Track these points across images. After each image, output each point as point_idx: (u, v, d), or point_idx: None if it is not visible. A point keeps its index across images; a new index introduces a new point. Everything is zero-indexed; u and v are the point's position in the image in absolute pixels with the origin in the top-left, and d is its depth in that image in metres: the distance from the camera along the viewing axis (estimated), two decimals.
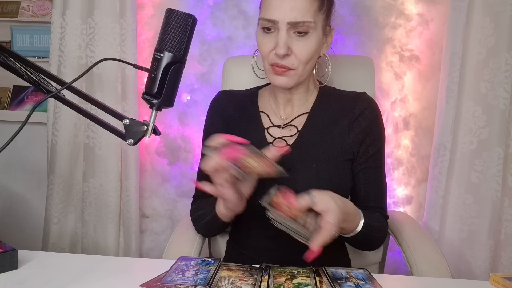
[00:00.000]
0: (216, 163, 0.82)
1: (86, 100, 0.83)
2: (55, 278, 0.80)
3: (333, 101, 1.08)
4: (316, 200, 0.79)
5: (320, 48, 1.01)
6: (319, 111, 1.06)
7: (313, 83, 1.09)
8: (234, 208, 0.92)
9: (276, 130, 1.06)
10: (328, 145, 1.02)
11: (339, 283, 0.80)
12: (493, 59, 1.37)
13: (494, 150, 1.38)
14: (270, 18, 0.95)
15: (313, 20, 0.95)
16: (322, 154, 1.01)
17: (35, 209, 1.83)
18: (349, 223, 0.89)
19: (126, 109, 1.57)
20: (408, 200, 1.63)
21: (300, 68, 0.98)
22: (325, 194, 0.82)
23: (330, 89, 1.12)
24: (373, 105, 1.07)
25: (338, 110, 1.06)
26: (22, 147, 1.79)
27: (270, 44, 0.97)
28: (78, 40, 1.54)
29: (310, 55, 0.97)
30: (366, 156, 1.04)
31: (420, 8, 1.56)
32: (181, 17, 0.76)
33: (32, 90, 1.80)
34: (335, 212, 0.79)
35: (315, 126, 1.04)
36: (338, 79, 1.23)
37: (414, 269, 1.06)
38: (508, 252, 1.38)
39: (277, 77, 0.98)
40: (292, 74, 0.98)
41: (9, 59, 0.80)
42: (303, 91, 1.06)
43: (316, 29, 0.96)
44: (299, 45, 0.95)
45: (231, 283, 0.78)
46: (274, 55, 0.96)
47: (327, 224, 0.78)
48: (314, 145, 1.02)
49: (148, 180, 1.70)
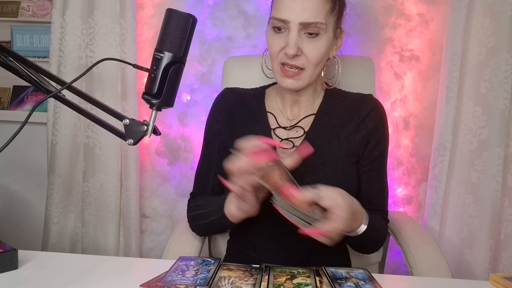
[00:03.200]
0: (244, 163, 0.80)
1: (86, 100, 0.83)
2: (55, 278, 0.80)
3: (340, 102, 1.07)
4: (323, 195, 0.78)
5: (330, 50, 1.00)
6: (325, 113, 1.06)
7: (320, 85, 1.08)
8: (249, 210, 0.89)
9: (283, 131, 1.05)
10: (335, 147, 1.02)
11: (339, 283, 0.80)
12: (493, 59, 1.37)
13: (494, 150, 1.38)
14: (282, 17, 0.94)
15: (325, 22, 0.94)
16: (329, 156, 1.01)
17: (35, 209, 1.83)
18: (353, 221, 0.88)
19: (126, 109, 1.57)
20: (408, 200, 1.63)
21: (310, 69, 0.97)
22: (333, 190, 0.81)
23: (336, 90, 1.11)
24: (379, 107, 1.07)
25: (344, 112, 1.05)
26: (22, 147, 1.79)
27: (280, 43, 0.96)
28: (78, 40, 1.54)
29: (320, 57, 0.96)
30: (370, 158, 1.04)
31: (420, 8, 1.57)
32: (181, 17, 0.76)
33: (32, 90, 1.80)
34: (343, 207, 0.78)
35: (322, 127, 1.04)
36: (339, 79, 1.23)
37: (414, 269, 1.06)
38: (508, 252, 1.38)
39: (286, 79, 0.98)
40: (301, 76, 0.97)
41: (9, 59, 0.80)
42: (310, 92, 1.06)
43: (327, 30, 0.96)
44: (309, 47, 0.95)
45: (231, 283, 0.78)
46: (284, 54, 0.95)
47: (337, 217, 0.77)
48: (321, 146, 1.02)
49: (148, 180, 1.70)
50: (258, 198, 0.88)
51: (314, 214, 0.79)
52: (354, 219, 0.87)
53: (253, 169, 0.79)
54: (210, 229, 1.09)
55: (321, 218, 0.78)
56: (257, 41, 1.59)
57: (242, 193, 0.84)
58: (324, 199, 0.78)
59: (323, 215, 0.79)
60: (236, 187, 0.83)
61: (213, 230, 1.10)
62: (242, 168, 0.80)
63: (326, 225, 0.77)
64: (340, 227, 0.77)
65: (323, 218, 0.78)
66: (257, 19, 1.58)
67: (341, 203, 0.78)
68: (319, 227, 0.77)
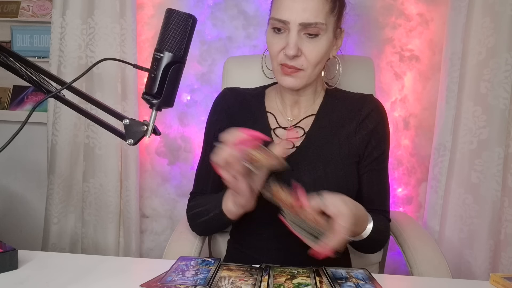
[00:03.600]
0: (228, 154, 0.80)
1: (86, 100, 0.83)
2: (55, 278, 0.80)
3: (340, 103, 1.07)
4: (327, 203, 0.78)
5: (330, 50, 1.00)
6: (326, 113, 1.06)
7: (320, 85, 1.08)
8: (245, 204, 0.89)
9: (283, 132, 1.05)
10: (336, 147, 1.02)
11: (339, 283, 0.80)
12: (493, 59, 1.37)
13: (494, 150, 1.38)
14: (281, 18, 0.94)
15: (325, 22, 0.94)
16: (330, 156, 1.01)
17: (35, 209, 1.83)
18: (358, 226, 0.88)
19: (126, 109, 1.57)
20: (408, 200, 1.63)
21: (310, 69, 0.97)
22: (337, 198, 0.80)
23: (337, 90, 1.11)
24: (380, 107, 1.07)
25: (344, 112, 1.05)
26: (22, 147, 1.79)
27: (280, 44, 0.96)
28: (78, 40, 1.54)
29: (320, 57, 0.96)
30: (371, 158, 1.04)
31: (420, 8, 1.57)
32: (181, 17, 0.76)
33: (32, 90, 1.80)
34: (347, 216, 0.78)
35: (322, 128, 1.04)
36: (339, 79, 1.23)
37: (414, 269, 1.06)
38: (508, 252, 1.38)
39: (285, 77, 0.98)
40: (300, 75, 0.97)
41: (9, 59, 0.80)
42: (310, 92, 1.06)
43: (327, 31, 0.95)
44: (309, 47, 0.94)
45: (231, 283, 0.78)
46: (284, 55, 0.95)
47: (339, 227, 0.77)
48: (321, 147, 1.01)
49: (148, 180, 1.70)
50: (253, 190, 0.87)
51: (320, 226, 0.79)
52: (358, 225, 0.87)
53: (237, 156, 0.80)
54: (209, 227, 1.08)
55: (327, 230, 0.78)
56: (257, 41, 1.59)
57: (234, 182, 0.84)
58: (328, 207, 0.78)
59: (327, 225, 0.79)
60: (227, 175, 0.83)
61: (212, 228, 1.09)
62: (226, 158, 0.80)
63: (332, 240, 0.77)
64: (343, 237, 0.77)
65: (328, 229, 0.78)
66: (257, 19, 1.58)
67: (344, 211, 0.78)
68: (326, 243, 0.77)
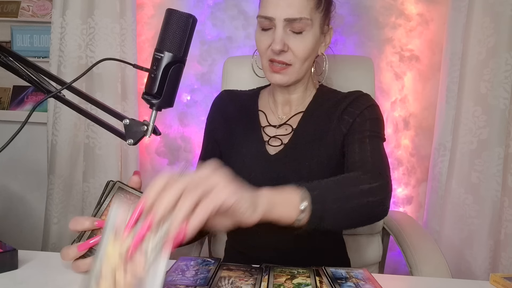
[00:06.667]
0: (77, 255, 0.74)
1: (86, 100, 0.83)
2: (55, 278, 0.80)
3: (328, 99, 1.07)
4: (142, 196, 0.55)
5: (317, 46, 1.01)
6: (314, 110, 1.06)
7: (311, 83, 1.09)
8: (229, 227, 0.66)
9: (272, 129, 1.06)
10: (322, 142, 1.01)
11: (339, 283, 0.80)
12: (493, 59, 1.37)
13: (494, 150, 1.38)
14: (267, 15, 0.96)
15: (310, 18, 0.95)
16: (316, 151, 1.01)
17: (35, 209, 1.83)
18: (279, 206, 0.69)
19: (126, 109, 1.57)
20: (408, 200, 1.63)
21: (298, 64, 0.98)
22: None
23: (329, 89, 1.11)
24: (365, 96, 1.04)
25: (331, 107, 1.05)
26: (22, 147, 1.79)
27: (267, 41, 0.97)
28: (78, 40, 1.54)
29: (307, 52, 0.97)
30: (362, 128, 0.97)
31: (420, 8, 1.57)
32: (181, 17, 0.76)
33: (32, 90, 1.80)
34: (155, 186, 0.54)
35: (309, 124, 1.04)
36: (338, 79, 1.23)
37: (414, 269, 1.06)
38: (508, 252, 1.38)
39: (274, 74, 0.99)
40: (289, 71, 0.98)
41: (9, 59, 0.80)
42: (301, 91, 1.07)
43: (313, 26, 0.96)
44: (295, 42, 0.96)
45: (231, 283, 0.78)
46: (271, 51, 0.97)
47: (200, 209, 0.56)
48: (307, 143, 1.02)
49: (148, 180, 1.69)
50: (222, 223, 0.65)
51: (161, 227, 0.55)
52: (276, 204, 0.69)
53: None
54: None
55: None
56: None
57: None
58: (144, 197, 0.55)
59: None
60: None
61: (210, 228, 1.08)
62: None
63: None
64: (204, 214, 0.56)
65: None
66: None
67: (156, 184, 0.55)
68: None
